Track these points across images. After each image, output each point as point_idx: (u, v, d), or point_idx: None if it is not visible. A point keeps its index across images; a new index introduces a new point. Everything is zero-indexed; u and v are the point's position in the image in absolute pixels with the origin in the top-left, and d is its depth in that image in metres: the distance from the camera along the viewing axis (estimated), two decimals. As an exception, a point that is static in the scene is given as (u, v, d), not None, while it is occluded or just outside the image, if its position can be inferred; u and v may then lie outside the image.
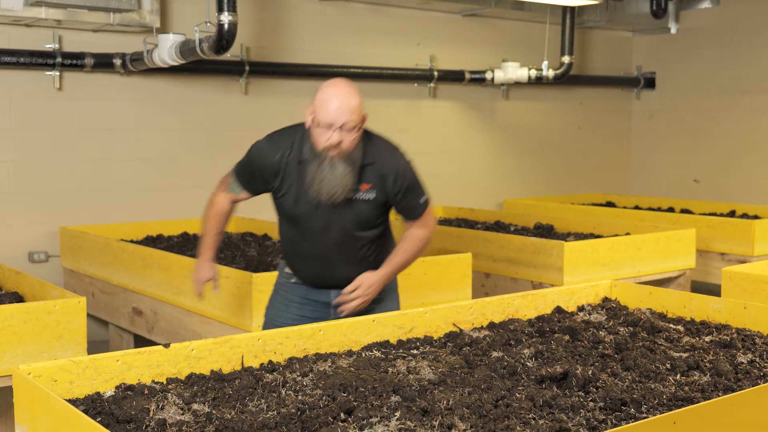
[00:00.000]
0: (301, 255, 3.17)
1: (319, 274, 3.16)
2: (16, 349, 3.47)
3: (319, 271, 3.15)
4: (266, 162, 3.06)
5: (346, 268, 3.12)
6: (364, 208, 3.06)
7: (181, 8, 5.97)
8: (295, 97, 6.63)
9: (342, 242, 3.09)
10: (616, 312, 3.35)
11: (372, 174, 3.04)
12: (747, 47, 8.07)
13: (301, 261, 3.18)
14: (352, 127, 2.92)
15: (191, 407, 2.22)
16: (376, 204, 3.07)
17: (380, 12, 7.05)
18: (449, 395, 2.29)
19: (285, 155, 3.04)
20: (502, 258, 5.52)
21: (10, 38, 5.44)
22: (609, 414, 2.24)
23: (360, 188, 3.02)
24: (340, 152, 2.92)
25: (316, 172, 2.94)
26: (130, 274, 4.92)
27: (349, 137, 2.93)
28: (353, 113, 2.91)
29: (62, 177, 5.71)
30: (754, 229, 5.95)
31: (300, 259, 3.18)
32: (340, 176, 2.93)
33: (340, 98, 2.90)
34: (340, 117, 2.89)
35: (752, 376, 2.58)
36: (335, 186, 2.93)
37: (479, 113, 7.81)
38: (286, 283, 3.27)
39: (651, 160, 8.89)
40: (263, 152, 3.07)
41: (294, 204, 3.07)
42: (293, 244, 3.18)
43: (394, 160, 3.08)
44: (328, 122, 2.90)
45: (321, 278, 3.16)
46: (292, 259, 3.21)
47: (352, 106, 2.91)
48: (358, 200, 3.03)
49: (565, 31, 7.35)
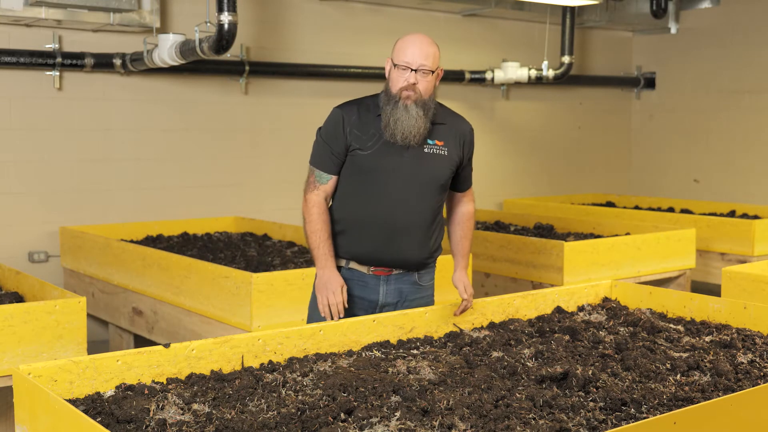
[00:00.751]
0: (367, 223, 3.09)
1: (382, 246, 3.08)
2: (16, 349, 3.47)
3: (383, 240, 3.08)
4: (348, 117, 3.09)
5: (410, 238, 3.09)
6: (439, 163, 3.11)
7: (181, 8, 5.98)
8: (295, 97, 6.64)
9: (414, 201, 3.08)
10: (616, 312, 3.35)
11: (445, 133, 3.14)
12: (747, 47, 8.07)
13: (367, 230, 3.09)
14: (428, 70, 3.01)
15: (191, 407, 2.22)
16: (450, 161, 3.14)
17: (380, 12, 7.05)
18: (449, 395, 2.29)
19: (362, 110, 3.11)
20: (502, 258, 5.52)
21: (10, 38, 5.45)
22: (609, 414, 2.24)
23: (436, 143, 3.11)
24: (415, 95, 3.00)
25: (391, 113, 3.01)
26: (130, 274, 4.92)
27: (425, 81, 3.01)
28: (429, 58, 3.01)
29: (62, 177, 5.71)
30: (754, 229, 5.95)
31: (366, 228, 3.09)
32: (414, 118, 3.00)
33: (419, 42, 3.02)
34: (417, 58, 2.99)
35: (752, 376, 2.58)
36: (410, 126, 3.00)
37: (479, 113, 7.81)
38: None
39: (651, 160, 8.89)
40: (343, 110, 3.12)
41: (371, 154, 3.07)
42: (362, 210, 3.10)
43: (465, 124, 3.22)
44: (405, 62, 3.00)
45: (382, 252, 3.09)
46: (355, 233, 3.11)
47: (429, 51, 3.02)
48: (433, 154, 3.10)
49: (565, 31, 7.35)
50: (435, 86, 3.09)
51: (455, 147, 3.15)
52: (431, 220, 3.13)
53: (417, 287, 3.19)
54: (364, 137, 3.07)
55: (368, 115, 3.09)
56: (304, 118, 6.52)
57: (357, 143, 3.06)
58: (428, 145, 3.09)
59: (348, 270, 3.13)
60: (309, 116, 6.15)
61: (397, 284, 3.15)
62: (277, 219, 6.33)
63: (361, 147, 3.06)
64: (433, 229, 3.15)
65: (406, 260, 3.11)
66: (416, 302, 3.19)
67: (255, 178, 6.52)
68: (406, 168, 3.06)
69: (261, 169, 6.52)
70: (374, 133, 3.06)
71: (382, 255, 3.09)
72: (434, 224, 3.15)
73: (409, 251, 3.10)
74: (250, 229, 6.12)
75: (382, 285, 3.13)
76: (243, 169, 6.44)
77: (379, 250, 3.08)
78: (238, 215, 6.33)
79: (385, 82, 3.11)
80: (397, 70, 3.02)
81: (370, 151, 3.06)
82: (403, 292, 3.16)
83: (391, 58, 3.07)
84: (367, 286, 3.13)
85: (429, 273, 3.23)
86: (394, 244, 3.08)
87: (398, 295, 3.15)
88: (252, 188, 6.52)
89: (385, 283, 3.13)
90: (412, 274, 3.16)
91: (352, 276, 3.13)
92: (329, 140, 3.10)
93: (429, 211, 3.12)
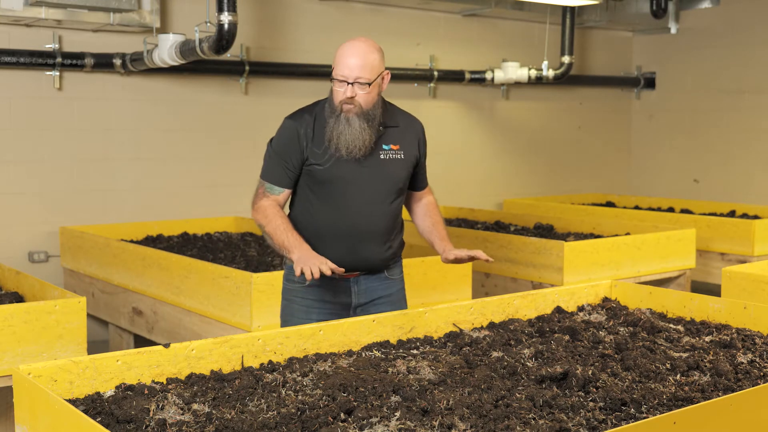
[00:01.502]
0: (329, 234, 3.08)
1: (347, 254, 3.07)
2: (16, 349, 3.46)
3: (346, 249, 3.07)
4: (299, 130, 3.04)
5: (374, 243, 3.09)
6: (396, 167, 3.09)
7: (181, 8, 5.98)
8: (295, 97, 6.60)
9: (373, 208, 3.07)
10: (616, 312, 3.35)
11: (400, 135, 3.11)
12: (747, 47, 8.07)
13: (331, 240, 3.08)
14: (365, 83, 2.93)
15: (191, 407, 2.22)
16: (407, 164, 3.12)
17: (380, 12, 7.05)
18: (449, 395, 2.29)
19: (313, 121, 3.05)
20: (502, 258, 5.52)
21: (10, 38, 5.45)
22: (609, 414, 2.24)
23: (391, 148, 3.08)
24: (356, 108, 2.95)
25: (334, 126, 2.97)
26: (130, 274, 4.92)
27: (363, 94, 2.95)
28: (366, 69, 2.92)
29: (62, 177, 5.71)
30: (754, 229, 5.95)
31: (329, 238, 3.08)
32: (357, 130, 2.95)
33: (355, 53, 2.92)
34: (354, 71, 2.91)
35: (752, 376, 2.58)
36: (353, 140, 2.95)
37: (479, 113, 7.82)
38: (300, 288, 3.17)
39: (651, 160, 8.89)
40: (297, 122, 3.06)
41: (329, 167, 3.04)
42: (323, 221, 3.09)
43: (418, 123, 3.21)
44: (342, 75, 2.93)
45: (348, 259, 3.07)
46: (319, 244, 3.08)
47: (367, 62, 2.92)
48: (390, 159, 3.08)
49: (565, 31, 7.35)
50: (380, 92, 3.02)
51: (411, 148, 3.13)
52: (393, 222, 3.15)
53: (388, 282, 3.21)
54: (319, 151, 3.03)
55: (322, 125, 3.03)
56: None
57: (313, 158, 3.04)
58: (384, 150, 3.06)
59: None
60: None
61: (367, 283, 3.16)
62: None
63: (317, 162, 3.03)
64: (395, 229, 3.18)
65: (372, 264, 3.13)
66: (391, 297, 3.21)
67: (255, 178, 6.41)
68: (365, 176, 3.04)
69: (261, 169, 6.52)
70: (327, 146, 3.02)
71: (347, 262, 3.07)
72: (395, 225, 3.18)
73: (375, 255, 3.12)
74: (250, 229, 6.12)
75: (353, 286, 3.14)
76: (243, 169, 6.44)
77: (344, 258, 3.06)
78: (238, 215, 6.33)
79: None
80: (336, 83, 2.95)
81: (327, 165, 3.03)
82: (376, 290, 3.18)
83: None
84: (338, 290, 3.14)
85: (397, 266, 3.26)
86: (358, 250, 3.09)
87: (371, 294, 3.17)
88: (252, 188, 6.46)
89: (355, 284, 3.14)
90: (381, 272, 3.19)
91: (321, 283, 3.11)
92: (283, 154, 3.08)
93: (390, 214, 3.12)
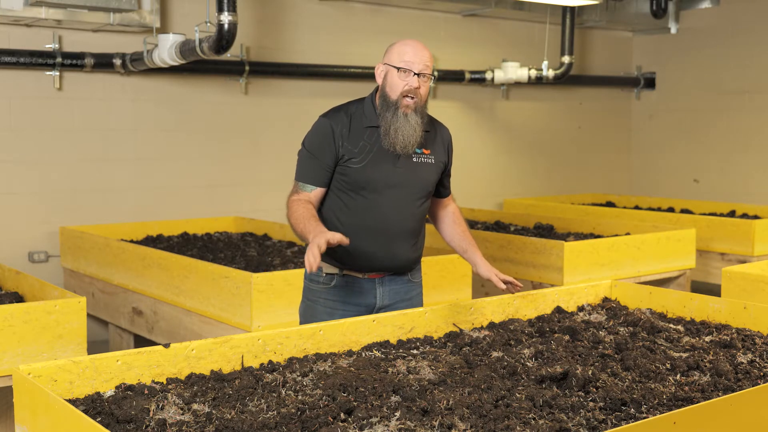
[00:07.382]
0: (363, 234, 3.05)
1: (377, 255, 3.07)
2: (16, 349, 3.46)
3: (375, 249, 3.06)
4: (334, 128, 3.02)
5: (403, 244, 3.11)
6: (428, 171, 3.12)
7: (181, 8, 5.98)
8: (295, 97, 6.64)
9: (404, 208, 3.08)
10: (616, 312, 3.35)
11: (430, 141, 3.13)
12: (747, 47, 8.07)
13: (362, 240, 3.05)
14: (428, 74, 2.98)
15: (191, 407, 2.22)
16: (437, 168, 3.15)
17: (380, 12, 7.05)
18: (449, 395, 2.29)
19: (351, 120, 3.05)
20: (502, 258, 5.52)
21: (10, 38, 5.45)
22: (609, 414, 2.24)
23: (423, 151, 3.10)
24: (415, 101, 2.97)
25: (391, 121, 2.97)
26: (130, 274, 4.92)
27: (425, 86, 2.99)
28: (429, 61, 3.00)
29: (62, 177, 5.71)
30: (754, 229, 5.95)
31: (360, 238, 3.04)
32: (413, 126, 2.97)
33: (419, 46, 2.99)
34: (420, 60, 2.96)
35: (752, 376, 2.58)
36: (409, 136, 2.97)
37: (479, 113, 7.82)
38: (323, 290, 3.15)
39: (651, 160, 8.89)
40: (332, 119, 3.05)
41: (364, 167, 3.02)
42: (356, 221, 3.06)
43: (447, 131, 3.24)
44: (408, 62, 2.95)
45: (378, 260, 3.08)
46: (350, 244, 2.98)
47: (428, 56, 3.00)
48: (422, 163, 3.10)
49: (565, 31, 7.35)
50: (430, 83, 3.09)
51: (441, 154, 3.17)
52: (419, 223, 3.18)
53: (410, 285, 3.24)
54: (356, 150, 3.02)
55: (358, 125, 3.04)
56: (304, 118, 6.50)
57: (348, 156, 3.03)
58: (416, 154, 3.08)
59: (342, 277, 3.13)
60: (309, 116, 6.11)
61: (391, 285, 3.17)
62: (277, 219, 6.33)
63: (352, 160, 3.03)
64: (421, 230, 3.22)
65: (400, 263, 3.15)
66: (412, 300, 3.24)
67: (255, 178, 6.52)
68: (398, 178, 3.05)
69: (261, 169, 6.52)
70: (365, 144, 3.03)
71: (377, 263, 3.10)
72: (421, 226, 3.21)
73: (404, 256, 3.14)
74: (250, 229, 6.12)
75: (378, 287, 3.15)
76: (243, 169, 6.44)
77: (374, 258, 3.09)
78: (238, 215, 6.33)
79: (378, 87, 3.06)
80: (398, 74, 2.96)
81: (362, 164, 3.03)
82: (399, 293, 3.19)
83: (388, 62, 3.00)
84: (363, 290, 3.14)
85: (418, 269, 3.31)
86: (388, 251, 3.10)
87: (394, 296, 3.18)
88: (252, 188, 6.52)
89: (380, 285, 3.15)
90: (405, 274, 3.21)
91: (347, 283, 3.13)
92: (316, 151, 3.05)
93: (419, 216, 3.16)
